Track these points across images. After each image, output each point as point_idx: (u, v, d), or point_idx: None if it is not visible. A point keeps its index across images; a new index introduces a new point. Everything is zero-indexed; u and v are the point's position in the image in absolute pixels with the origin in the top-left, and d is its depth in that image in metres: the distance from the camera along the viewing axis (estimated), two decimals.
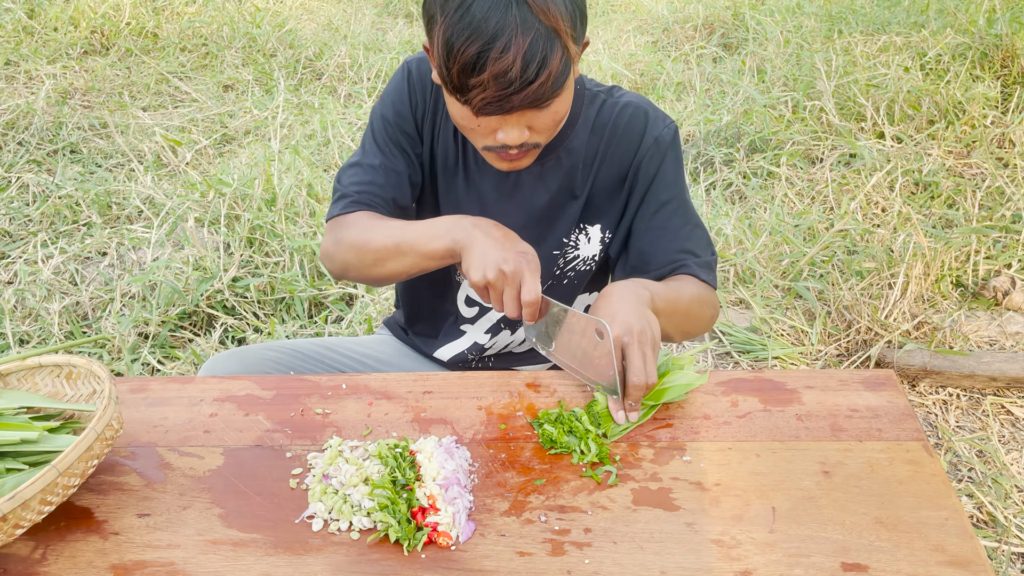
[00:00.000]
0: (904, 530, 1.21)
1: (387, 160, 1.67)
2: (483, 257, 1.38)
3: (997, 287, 3.00)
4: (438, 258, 1.48)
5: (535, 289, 1.37)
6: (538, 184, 1.67)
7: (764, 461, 1.34)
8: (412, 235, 1.50)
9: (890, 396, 1.47)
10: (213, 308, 2.88)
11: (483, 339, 1.89)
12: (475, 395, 1.49)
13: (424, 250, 1.48)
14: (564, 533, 1.22)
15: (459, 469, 1.29)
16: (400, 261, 1.52)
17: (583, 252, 1.75)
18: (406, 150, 1.68)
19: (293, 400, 1.48)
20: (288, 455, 1.37)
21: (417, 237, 1.49)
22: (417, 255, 1.49)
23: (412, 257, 1.50)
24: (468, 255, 1.41)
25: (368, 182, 1.66)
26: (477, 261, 1.39)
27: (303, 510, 1.26)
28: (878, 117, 4.28)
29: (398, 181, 1.68)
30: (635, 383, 1.33)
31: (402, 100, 1.67)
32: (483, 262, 1.38)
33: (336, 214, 1.66)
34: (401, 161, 1.68)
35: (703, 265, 1.69)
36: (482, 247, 1.40)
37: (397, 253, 1.52)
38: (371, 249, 1.55)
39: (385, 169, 1.67)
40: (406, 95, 1.66)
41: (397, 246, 1.51)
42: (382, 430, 1.41)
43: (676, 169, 1.69)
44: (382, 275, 1.58)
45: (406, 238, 1.50)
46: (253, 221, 3.09)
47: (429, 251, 1.47)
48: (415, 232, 1.50)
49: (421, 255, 1.49)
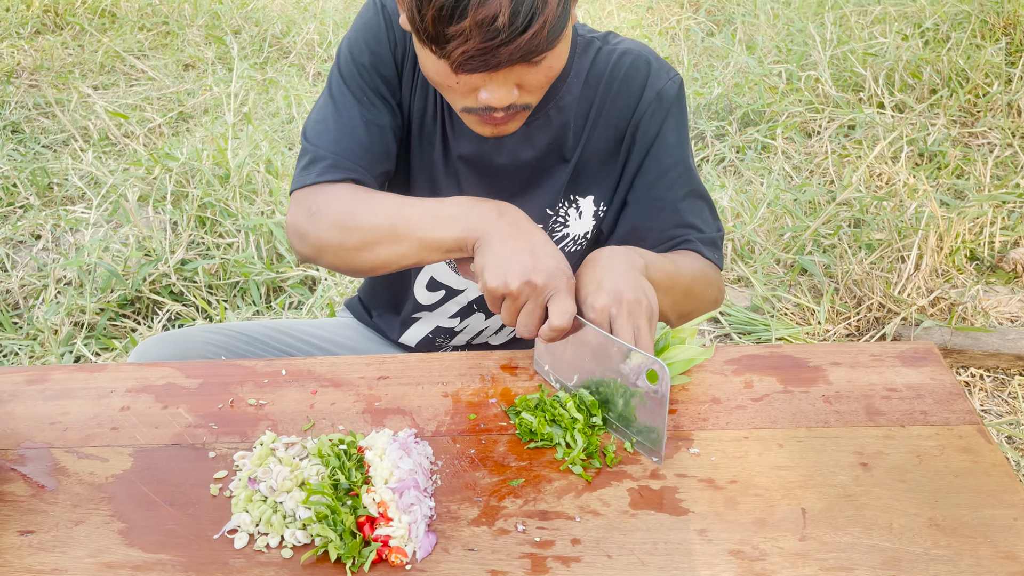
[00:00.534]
0: (965, 534, 0.98)
1: (367, 111, 1.36)
2: (507, 260, 1.11)
3: (1016, 259, 2.78)
4: (443, 249, 1.19)
5: (570, 312, 1.10)
6: (523, 145, 1.42)
7: (788, 452, 1.11)
8: (414, 215, 1.20)
9: (933, 372, 1.24)
10: (158, 294, 2.62)
11: (448, 323, 1.65)
12: (439, 380, 1.25)
13: (428, 237, 1.18)
14: (546, 545, 0.98)
15: (417, 469, 1.05)
16: (394, 248, 1.22)
17: (573, 229, 1.51)
18: (387, 98, 1.38)
19: (222, 389, 1.24)
20: (211, 455, 1.12)
21: (422, 219, 1.19)
22: (417, 242, 1.20)
23: (410, 244, 1.20)
24: (486, 251, 1.13)
25: (347, 139, 1.35)
26: (498, 262, 1.11)
27: (225, 522, 1.02)
28: (877, 87, 4.06)
29: (382, 137, 1.37)
30: None
31: (378, 39, 1.36)
32: (506, 265, 1.10)
33: (310, 182, 1.32)
34: (383, 111, 1.38)
35: (708, 241, 1.45)
36: (507, 247, 1.12)
37: (392, 237, 1.22)
38: (359, 228, 1.24)
39: (365, 123, 1.36)
40: (383, 32, 1.36)
41: (393, 228, 1.21)
42: (327, 423, 1.17)
43: (680, 130, 1.45)
44: (367, 264, 1.27)
45: (406, 219, 1.21)
46: (203, 198, 2.83)
47: (434, 239, 1.18)
48: (419, 212, 1.21)
49: (423, 243, 1.19)
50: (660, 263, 1.28)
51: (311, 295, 2.65)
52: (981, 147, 3.66)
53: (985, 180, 3.21)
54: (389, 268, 1.26)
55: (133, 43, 4.92)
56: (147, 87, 4.26)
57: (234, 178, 2.92)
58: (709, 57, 4.92)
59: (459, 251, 1.18)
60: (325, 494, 1.00)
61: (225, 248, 2.78)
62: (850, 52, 4.34)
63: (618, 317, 1.11)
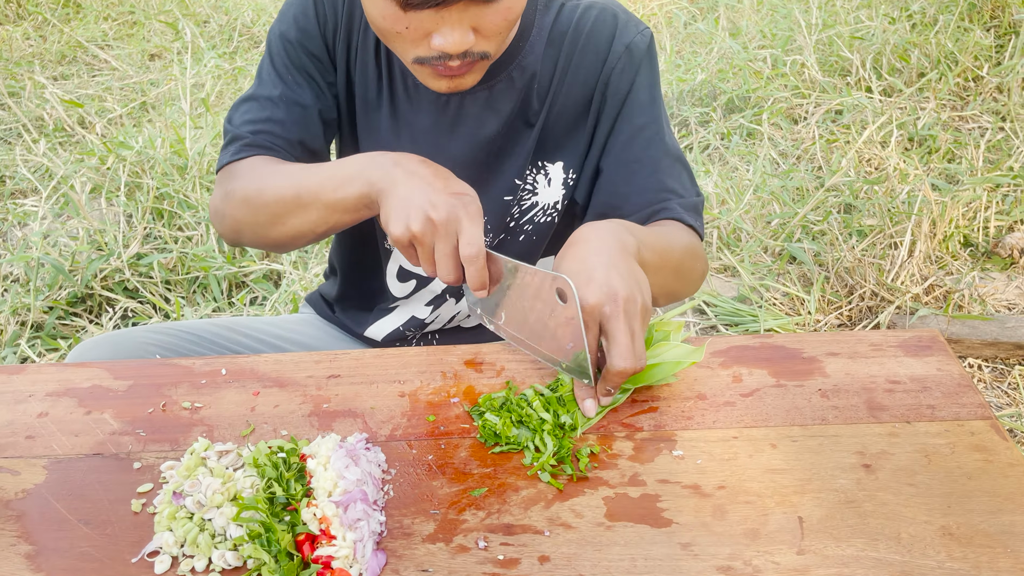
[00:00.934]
0: (983, 543, 0.87)
1: (289, 91, 1.32)
2: (405, 202, 1.04)
3: (1013, 244, 2.68)
4: (351, 209, 1.13)
5: (476, 239, 1.02)
6: (485, 112, 1.31)
7: (783, 454, 0.99)
8: (316, 181, 1.16)
9: (940, 362, 1.13)
10: (111, 290, 2.48)
11: (423, 312, 1.53)
12: (396, 378, 1.13)
13: (331, 199, 1.13)
14: (511, 564, 0.86)
15: (367, 479, 0.93)
16: (302, 217, 1.18)
17: (542, 198, 1.40)
18: (314, 78, 1.33)
19: (153, 391, 1.11)
20: (136, 466, 1.00)
21: (322, 183, 1.14)
22: (323, 207, 1.15)
23: (317, 210, 1.16)
24: (386, 201, 1.07)
25: (265, 119, 1.31)
26: (398, 208, 1.04)
27: (146, 543, 0.90)
28: (864, 71, 3.95)
29: (303, 117, 1.32)
30: (619, 368, 0.98)
31: (306, 13, 1.31)
32: (405, 209, 1.03)
33: (226, 161, 1.31)
34: (307, 91, 1.32)
35: (689, 207, 1.34)
36: (404, 190, 1.05)
37: (298, 206, 1.17)
38: (265, 202, 1.20)
39: (287, 102, 1.31)
40: (311, 8, 1.30)
41: (297, 196, 1.17)
42: (268, 428, 1.05)
43: (652, 87, 1.35)
44: (283, 236, 1.23)
45: (308, 185, 1.16)
46: (159, 189, 2.68)
47: (337, 200, 1.13)
48: (320, 177, 1.16)
49: (328, 206, 1.14)
50: (652, 241, 1.16)
51: (276, 290, 2.52)
52: (972, 131, 3.56)
53: (978, 164, 3.11)
54: (306, 238, 1.22)
55: (97, 33, 4.75)
56: (109, 77, 4.10)
57: (193, 168, 2.78)
58: (692, 43, 4.81)
59: (365, 209, 1.13)
60: (259, 510, 0.88)
61: (184, 241, 2.64)
62: (836, 36, 4.23)
63: (612, 318, 0.98)
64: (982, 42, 4.04)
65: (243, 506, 0.88)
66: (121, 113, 3.51)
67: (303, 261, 2.66)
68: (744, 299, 2.59)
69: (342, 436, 1.02)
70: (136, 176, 2.79)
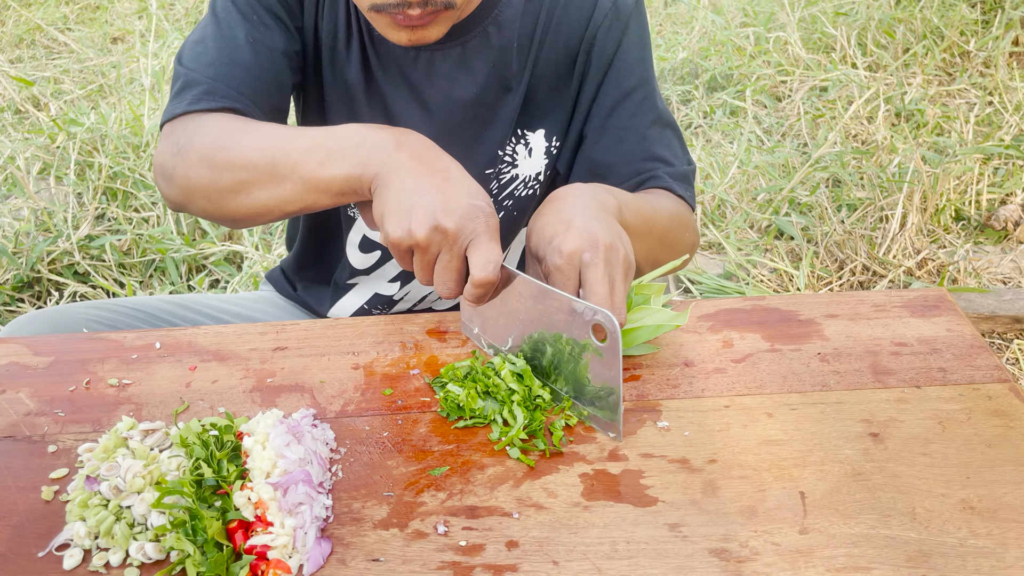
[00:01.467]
0: (1009, 517, 0.77)
1: (255, 31, 1.12)
2: (411, 201, 0.87)
3: (1007, 217, 2.59)
4: (334, 192, 0.94)
5: (495, 260, 0.86)
6: (459, 72, 1.19)
7: (780, 423, 0.89)
8: (297, 148, 0.95)
9: (950, 322, 1.03)
10: (60, 274, 2.34)
11: (387, 289, 1.41)
12: (350, 349, 1.02)
13: (313, 175, 0.93)
14: (475, 551, 0.75)
15: (311, 458, 0.82)
16: (273, 189, 0.97)
17: (523, 169, 1.28)
18: (282, 19, 1.14)
19: (77, 368, 1.00)
20: (52, 449, 0.88)
21: (306, 153, 0.94)
22: (301, 181, 0.94)
23: (293, 185, 0.95)
24: (384, 194, 0.89)
25: (227, 63, 1.10)
26: (399, 206, 0.87)
27: (56, 535, 0.78)
28: (849, 48, 3.86)
29: (272, 62, 1.12)
30: None
31: None
32: (409, 209, 0.86)
33: (179, 112, 1.08)
34: (276, 34, 1.13)
35: (679, 176, 1.24)
36: (410, 183, 0.88)
37: (270, 176, 0.96)
38: (232, 166, 0.99)
39: (253, 44, 1.11)
40: None
41: (272, 165, 0.96)
42: (204, 405, 0.94)
43: (641, 47, 1.25)
44: (243, 210, 1.02)
45: (287, 152, 0.95)
46: (113, 168, 2.54)
47: (320, 178, 0.93)
48: (303, 144, 0.95)
49: (307, 182, 0.94)
50: (635, 204, 1.05)
51: (238, 273, 2.39)
52: (960, 106, 3.47)
53: (967, 137, 3.02)
54: (271, 215, 1.01)
55: (58, 16, 4.58)
56: (68, 60, 3.94)
57: (151, 146, 2.64)
58: (673, 24, 4.70)
59: (353, 194, 0.93)
60: (184, 494, 0.76)
61: (139, 223, 2.50)
62: (820, 12, 4.14)
63: (592, 266, 0.87)
64: (968, 16, 3.96)
65: (165, 490, 0.76)
66: (79, 95, 3.36)
67: (266, 243, 2.53)
68: (730, 276, 2.49)
69: (286, 412, 0.91)
70: (88, 155, 2.64)
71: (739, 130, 3.28)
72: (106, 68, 3.77)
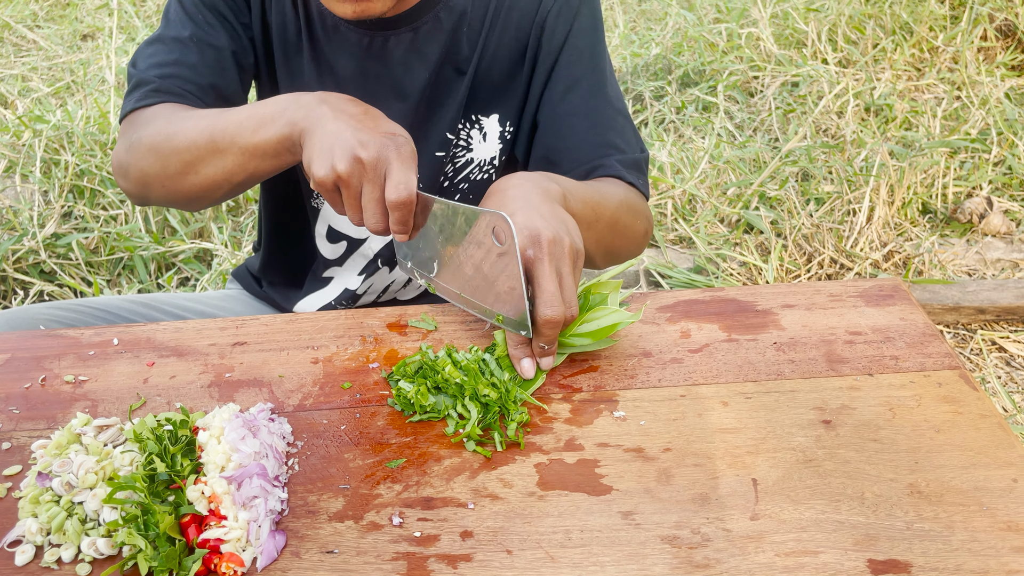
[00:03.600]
0: (955, 501, 0.78)
1: (200, 31, 1.19)
2: (330, 142, 0.93)
3: (972, 209, 2.62)
4: (271, 154, 1.02)
5: (406, 182, 0.91)
6: (412, 56, 1.20)
7: (735, 412, 0.90)
8: (232, 123, 1.04)
9: (903, 311, 1.04)
10: (25, 272, 2.32)
11: (355, 283, 1.42)
12: (309, 343, 1.02)
13: (249, 142, 1.02)
14: (429, 542, 0.76)
15: (267, 452, 0.82)
16: (218, 163, 1.05)
17: (478, 153, 1.29)
18: (227, 18, 1.21)
19: (33, 365, 0.99)
20: (5, 447, 0.88)
21: (240, 125, 1.03)
22: (240, 151, 1.03)
23: (234, 156, 1.04)
24: (310, 140, 0.96)
25: (174, 62, 1.18)
26: (322, 148, 0.93)
27: (7, 531, 0.78)
28: (819, 43, 3.89)
29: (217, 60, 1.20)
30: (547, 316, 0.89)
31: None
32: (330, 149, 0.92)
33: (131, 108, 1.18)
34: (220, 32, 1.20)
35: (630, 164, 1.24)
36: (332, 126, 0.94)
37: (212, 151, 1.05)
38: (176, 148, 1.07)
39: (198, 43, 1.19)
40: None
41: (211, 140, 1.05)
42: (162, 401, 0.93)
43: (593, 33, 1.25)
44: (196, 187, 1.10)
45: (223, 128, 1.04)
46: (79, 165, 2.51)
47: (256, 144, 1.01)
48: (237, 118, 1.04)
49: (246, 150, 1.02)
50: (580, 191, 1.06)
51: (208, 271, 2.37)
52: (928, 101, 3.51)
53: (935, 132, 3.05)
54: (222, 189, 1.10)
55: (27, 13, 4.53)
56: (36, 57, 3.90)
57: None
58: (646, 20, 4.72)
59: (288, 153, 1.01)
60: (136, 489, 0.76)
61: (107, 221, 2.48)
62: (791, 8, 4.17)
63: (537, 261, 0.89)
64: (937, 12, 4.00)
65: (117, 485, 0.76)
66: (47, 92, 3.32)
67: (236, 240, 2.52)
68: (700, 270, 2.50)
69: (244, 407, 0.91)
70: (54, 152, 2.62)
71: (710, 125, 3.29)
72: (75, 65, 3.73)
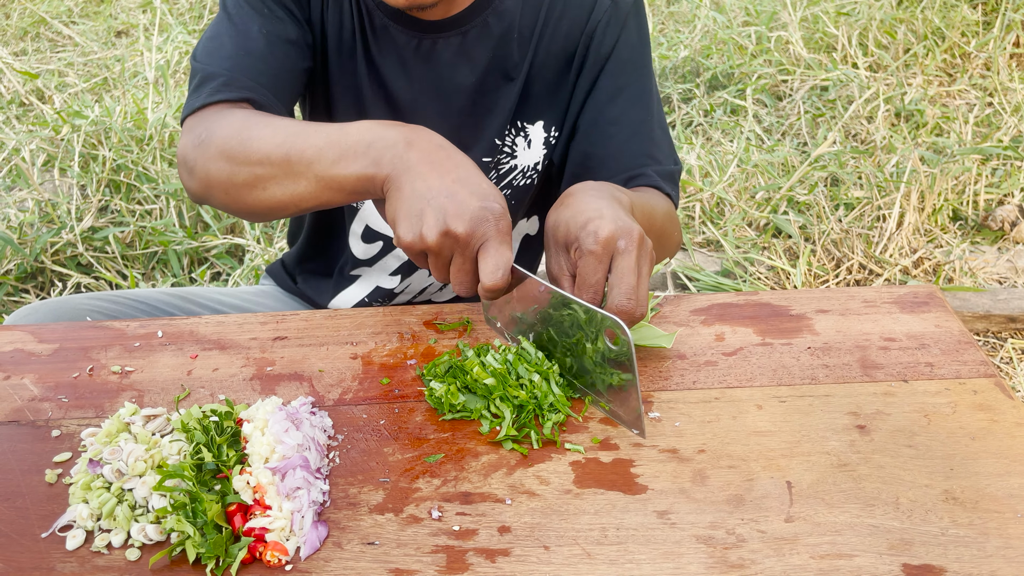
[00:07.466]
0: (990, 508, 0.79)
1: (268, 24, 1.13)
2: (421, 206, 0.87)
3: (1004, 217, 2.60)
4: (348, 190, 0.94)
5: (504, 266, 0.86)
6: (460, 60, 1.21)
7: (769, 415, 0.90)
8: (312, 147, 0.95)
9: (938, 319, 1.04)
10: (63, 265, 2.36)
11: (389, 282, 1.43)
12: (348, 339, 1.04)
13: (327, 174, 0.94)
14: (467, 535, 0.77)
15: (309, 444, 0.84)
16: (289, 185, 0.97)
17: (522, 160, 1.30)
18: (292, 11, 1.17)
19: (81, 355, 1.01)
20: (55, 434, 0.90)
21: (320, 151, 0.95)
22: (316, 179, 0.95)
23: (308, 182, 0.96)
24: (396, 195, 0.89)
25: (244, 54, 1.12)
26: (411, 209, 0.87)
27: (58, 517, 0.80)
28: (850, 47, 3.87)
29: (288, 54, 1.14)
30: (622, 307, 0.85)
31: None
32: (419, 215, 0.87)
33: (199, 105, 1.09)
34: (290, 25, 1.15)
35: (666, 176, 1.25)
36: (420, 189, 0.88)
37: (286, 172, 0.97)
38: (249, 161, 0.99)
39: (268, 36, 1.13)
40: None
41: (287, 161, 0.96)
42: (205, 392, 0.95)
43: (639, 45, 1.26)
44: (260, 205, 1.02)
45: (302, 149, 0.96)
46: (116, 161, 2.56)
47: (334, 176, 0.94)
48: (317, 141, 0.96)
49: (321, 180, 0.95)
50: (639, 202, 1.07)
51: (240, 266, 2.41)
52: (960, 107, 3.49)
53: (966, 139, 3.03)
54: (287, 211, 1.01)
55: (62, 9, 4.60)
56: (72, 53, 3.96)
57: (153, 139, 2.66)
58: (675, 22, 4.71)
59: (367, 193, 0.94)
60: (184, 477, 0.78)
61: (142, 215, 2.52)
62: (822, 12, 4.15)
63: (626, 253, 0.86)
64: (969, 18, 3.97)
65: (167, 473, 0.78)
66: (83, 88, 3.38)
67: (268, 236, 2.55)
68: (728, 273, 2.50)
69: (285, 400, 0.92)
70: (92, 147, 2.66)
71: (739, 129, 3.29)
72: (110, 61, 3.79)
